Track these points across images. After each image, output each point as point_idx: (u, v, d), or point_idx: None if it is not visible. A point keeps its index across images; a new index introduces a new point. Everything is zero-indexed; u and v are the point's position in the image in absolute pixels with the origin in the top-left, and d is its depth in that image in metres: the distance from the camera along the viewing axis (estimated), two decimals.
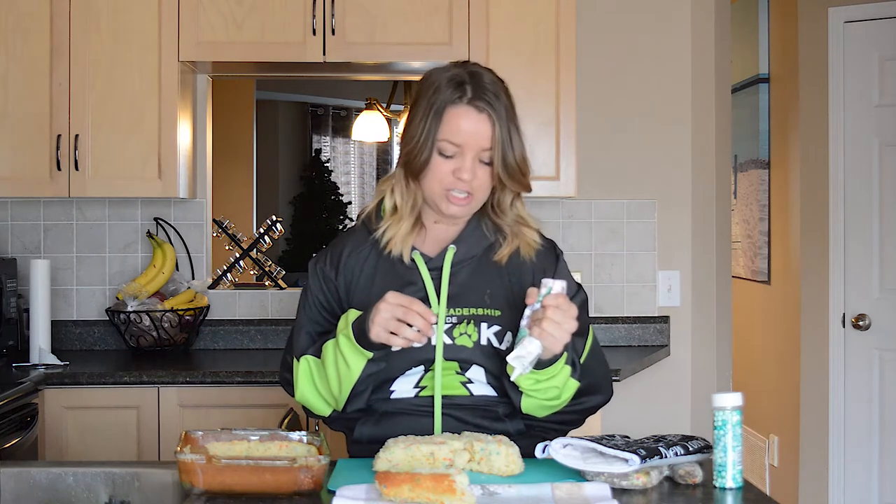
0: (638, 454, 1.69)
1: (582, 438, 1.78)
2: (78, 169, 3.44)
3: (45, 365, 3.33)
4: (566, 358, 1.87)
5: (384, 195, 2.05)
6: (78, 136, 3.44)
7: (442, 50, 3.45)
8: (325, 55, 3.45)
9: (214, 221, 3.88)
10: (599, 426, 3.33)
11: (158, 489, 1.83)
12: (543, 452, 1.79)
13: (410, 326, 1.80)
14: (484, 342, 1.95)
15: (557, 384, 1.88)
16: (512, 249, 2.02)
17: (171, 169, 3.47)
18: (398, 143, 2.03)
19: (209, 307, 3.75)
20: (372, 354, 1.87)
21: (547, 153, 3.49)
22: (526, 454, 1.83)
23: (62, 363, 3.35)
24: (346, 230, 2.13)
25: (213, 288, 3.83)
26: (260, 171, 6.62)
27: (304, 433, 1.84)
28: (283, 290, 3.85)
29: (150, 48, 3.45)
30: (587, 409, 2.03)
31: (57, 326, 3.67)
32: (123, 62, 3.45)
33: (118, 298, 3.63)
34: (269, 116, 6.94)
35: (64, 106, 3.44)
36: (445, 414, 1.94)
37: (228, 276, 3.86)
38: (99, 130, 3.46)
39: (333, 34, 3.44)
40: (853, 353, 4.54)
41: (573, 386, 1.92)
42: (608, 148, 3.83)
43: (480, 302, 1.97)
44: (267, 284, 3.90)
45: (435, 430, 1.94)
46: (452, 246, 2.00)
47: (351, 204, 7.32)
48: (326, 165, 7.28)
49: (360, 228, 2.07)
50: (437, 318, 1.86)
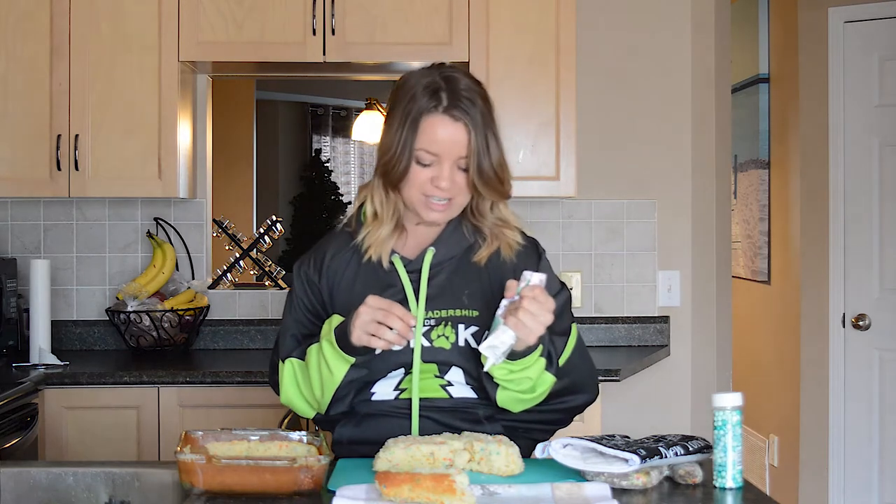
0: (638, 454, 1.69)
1: (582, 438, 1.78)
2: (78, 169, 3.44)
3: (45, 365, 3.33)
4: (541, 350, 1.87)
5: (364, 201, 2.04)
6: (78, 136, 3.44)
7: (442, 50, 3.45)
8: (325, 55, 3.45)
9: (214, 221, 3.88)
10: (599, 426, 3.34)
11: (158, 489, 1.83)
12: (543, 452, 1.79)
13: (391, 329, 1.81)
14: (462, 343, 1.95)
15: (531, 375, 1.88)
16: (492, 251, 2.01)
17: (171, 169, 3.47)
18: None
19: (209, 307, 3.75)
20: (354, 360, 1.88)
21: (547, 153, 3.49)
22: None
23: (62, 363, 3.35)
24: (328, 233, 2.12)
25: (213, 288, 3.83)
26: (260, 170, 6.60)
27: (304, 433, 1.84)
28: (283, 290, 3.85)
29: (150, 48, 3.45)
30: (572, 408, 2.03)
31: (57, 326, 3.67)
32: (123, 62, 3.46)
33: (118, 298, 3.64)
34: (269, 116, 6.93)
35: (64, 106, 3.44)
36: (424, 416, 1.95)
37: (228, 276, 3.86)
38: (99, 130, 3.46)
39: (333, 34, 3.44)
40: (853, 353, 4.53)
41: (548, 380, 1.91)
42: (608, 148, 3.83)
43: (458, 303, 1.97)
44: (267, 284, 3.90)
45: (412, 432, 1.95)
46: (431, 248, 2.00)
47: (351, 204, 7.31)
48: (326, 165, 7.27)
49: (342, 232, 2.08)
50: (415, 320, 1.87)
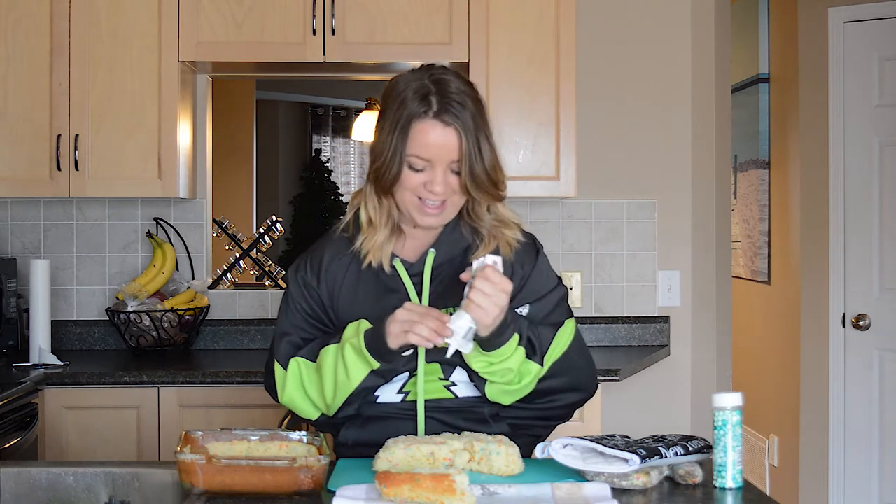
0: (638, 454, 1.69)
1: (582, 438, 1.78)
2: (78, 169, 3.44)
3: (45, 365, 3.33)
4: (517, 339, 1.87)
5: (358, 208, 2.03)
6: (78, 136, 3.44)
7: (442, 50, 3.45)
8: (325, 55, 3.45)
9: (214, 221, 3.88)
10: (599, 426, 3.34)
11: (158, 489, 1.83)
12: (543, 452, 1.79)
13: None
14: None
15: (511, 366, 1.89)
16: (490, 251, 2.01)
17: (171, 169, 3.47)
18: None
19: (209, 307, 3.75)
20: (378, 365, 1.87)
21: (547, 153, 3.49)
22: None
23: (62, 363, 3.35)
24: (321, 238, 2.11)
25: (213, 288, 3.83)
26: (260, 171, 6.60)
27: (304, 433, 1.84)
28: (282, 290, 3.84)
29: (150, 48, 3.45)
30: (570, 404, 2.03)
31: (57, 326, 3.67)
32: (123, 62, 3.46)
33: (118, 298, 3.63)
34: (269, 116, 6.92)
35: (64, 106, 3.44)
36: (430, 417, 1.95)
37: (228, 276, 3.86)
38: (99, 130, 3.46)
39: (333, 34, 3.44)
40: (853, 353, 4.53)
41: (533, 369, 1.92)
42: (608, 148, 3.83)
43: (459, 304, 1.97)
44: (267, 284, 3.90)
45: (418, 434, 1.95)
46: (432, 250, 2.00)
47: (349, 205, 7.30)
48: (326, 165, 7.27)
49: (339, 237, 2.06)
50: (449, 319, 1.83)
